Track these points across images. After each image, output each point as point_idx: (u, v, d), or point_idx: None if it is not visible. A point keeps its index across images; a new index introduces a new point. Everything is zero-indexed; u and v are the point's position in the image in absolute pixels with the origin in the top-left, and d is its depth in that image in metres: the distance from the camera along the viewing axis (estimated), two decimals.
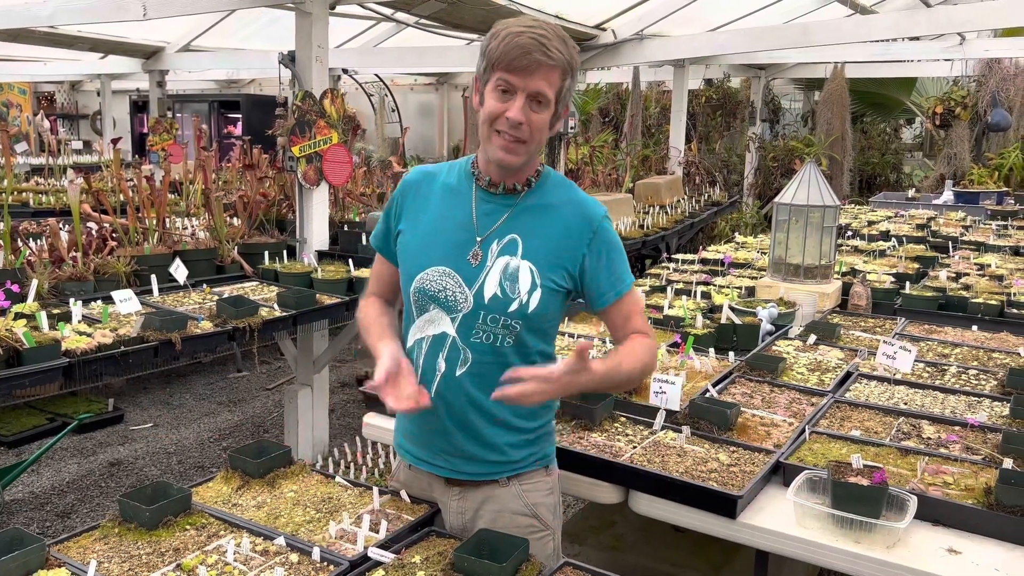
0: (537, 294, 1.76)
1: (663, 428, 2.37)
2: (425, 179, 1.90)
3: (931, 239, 5.56)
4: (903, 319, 3.62)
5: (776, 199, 3.96)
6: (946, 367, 2.93)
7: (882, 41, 7.68)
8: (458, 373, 1.80)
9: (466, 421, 1.82)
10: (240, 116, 11.12)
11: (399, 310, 1.98)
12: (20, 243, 3.74)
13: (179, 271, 3.62)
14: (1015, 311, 3.62)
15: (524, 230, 1.79)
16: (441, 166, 1.92)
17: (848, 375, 2.84)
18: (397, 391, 1.70)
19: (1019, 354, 3.12)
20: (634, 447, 2.24)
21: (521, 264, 1.77)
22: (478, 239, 1.79)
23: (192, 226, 4.54)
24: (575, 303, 1.94)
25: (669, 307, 3.52)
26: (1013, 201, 7.55)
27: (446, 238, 1.81)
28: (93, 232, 3.99)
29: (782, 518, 1.97)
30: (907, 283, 4.06)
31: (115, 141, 5.07)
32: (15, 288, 3.06)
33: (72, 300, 3.13)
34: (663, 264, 4.82)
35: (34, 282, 3.14)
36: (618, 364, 1.78)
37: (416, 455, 1.94)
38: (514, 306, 1.76)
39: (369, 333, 1.90)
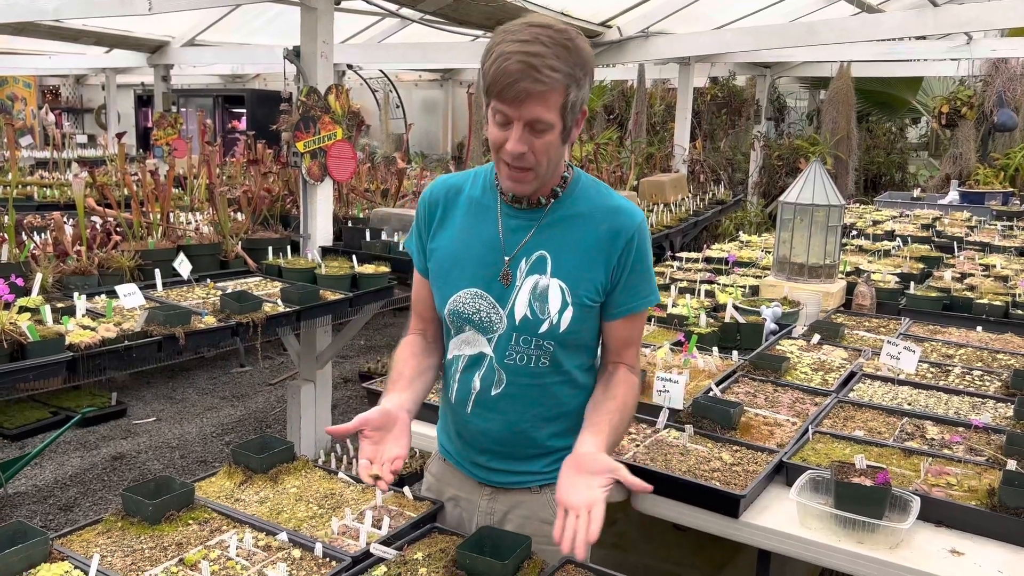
0: (568, 312, 1.69)
1: (666, 427, 2.36)
2: (450, 192, 1.80)
3: (936, 239, 5.54)
4: (907, 319, 3.61)
5: (781, 198, 3.96)
6: (950, 368, 2.92)
7: (888, 40, 7.65)
8: (493, 394, 1.76)
9: (501, 440, 1.80)
10: (245, 111, 11.11)
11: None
12: (25, 237, 3.74)
13: (183, 266, 3.63)
14: (1020, 312, 3.60)
15: (553, 246, 1.70)
16: (464, 176, 1.82)
17: (852, 375, 2.84)
18: (378, 451, 1.62)
19: None
20: (637, 446, 2.24)
21: (551, 282, 1.69)
22: (506, 258, 1.71)
23: (196, 221, 4.54)
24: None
25: (673, 305, 3.52)
26: (1019, 201, 7.52)
27: (475, 258, 1.73)
28: (97, 226, 3.99)
29: (784, 518, 1.96)
30: (912, 283, 4.05)
31: (120, 135, 5.07)
32: (19, 282, 3.06)
33: (76, 294, 3.13)
34: (667, 262, 4.81)
35: (38, 276, 3.14)
36: (614, 429, 1.69)
37: (452, 454, 1.93)
38: (544, 327, 1.69)
39: (389, 379, 1.82)
